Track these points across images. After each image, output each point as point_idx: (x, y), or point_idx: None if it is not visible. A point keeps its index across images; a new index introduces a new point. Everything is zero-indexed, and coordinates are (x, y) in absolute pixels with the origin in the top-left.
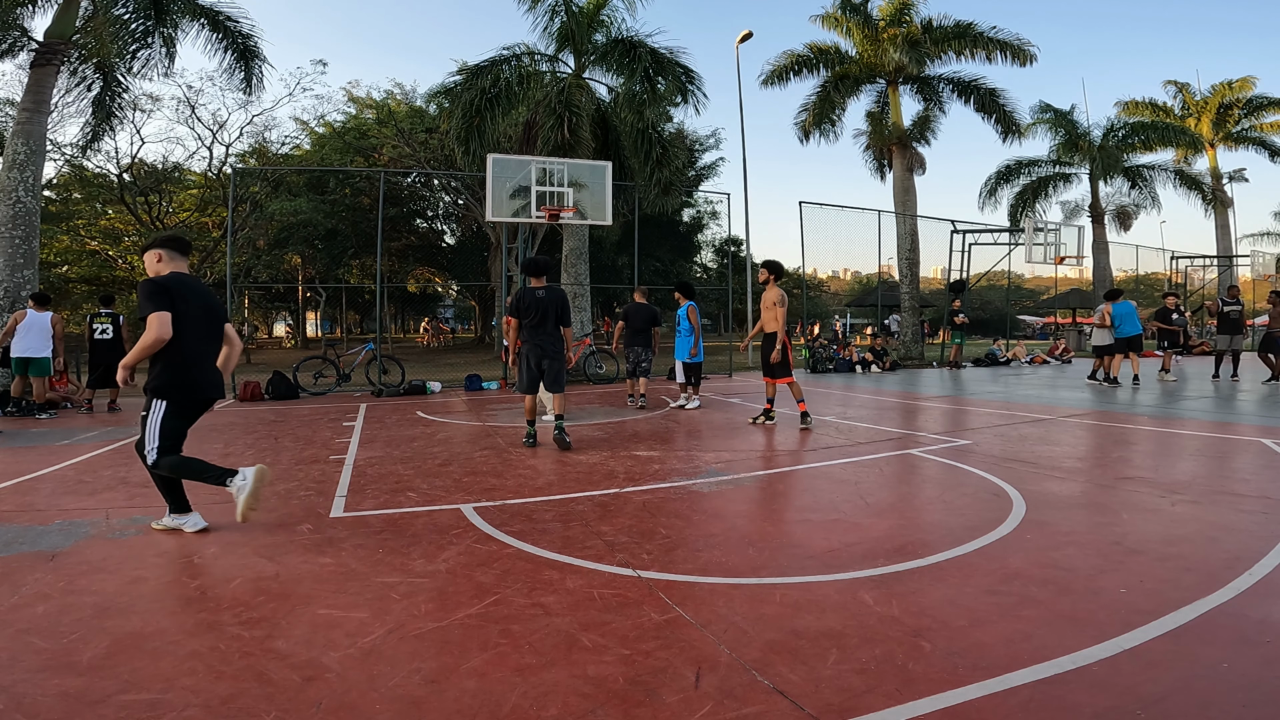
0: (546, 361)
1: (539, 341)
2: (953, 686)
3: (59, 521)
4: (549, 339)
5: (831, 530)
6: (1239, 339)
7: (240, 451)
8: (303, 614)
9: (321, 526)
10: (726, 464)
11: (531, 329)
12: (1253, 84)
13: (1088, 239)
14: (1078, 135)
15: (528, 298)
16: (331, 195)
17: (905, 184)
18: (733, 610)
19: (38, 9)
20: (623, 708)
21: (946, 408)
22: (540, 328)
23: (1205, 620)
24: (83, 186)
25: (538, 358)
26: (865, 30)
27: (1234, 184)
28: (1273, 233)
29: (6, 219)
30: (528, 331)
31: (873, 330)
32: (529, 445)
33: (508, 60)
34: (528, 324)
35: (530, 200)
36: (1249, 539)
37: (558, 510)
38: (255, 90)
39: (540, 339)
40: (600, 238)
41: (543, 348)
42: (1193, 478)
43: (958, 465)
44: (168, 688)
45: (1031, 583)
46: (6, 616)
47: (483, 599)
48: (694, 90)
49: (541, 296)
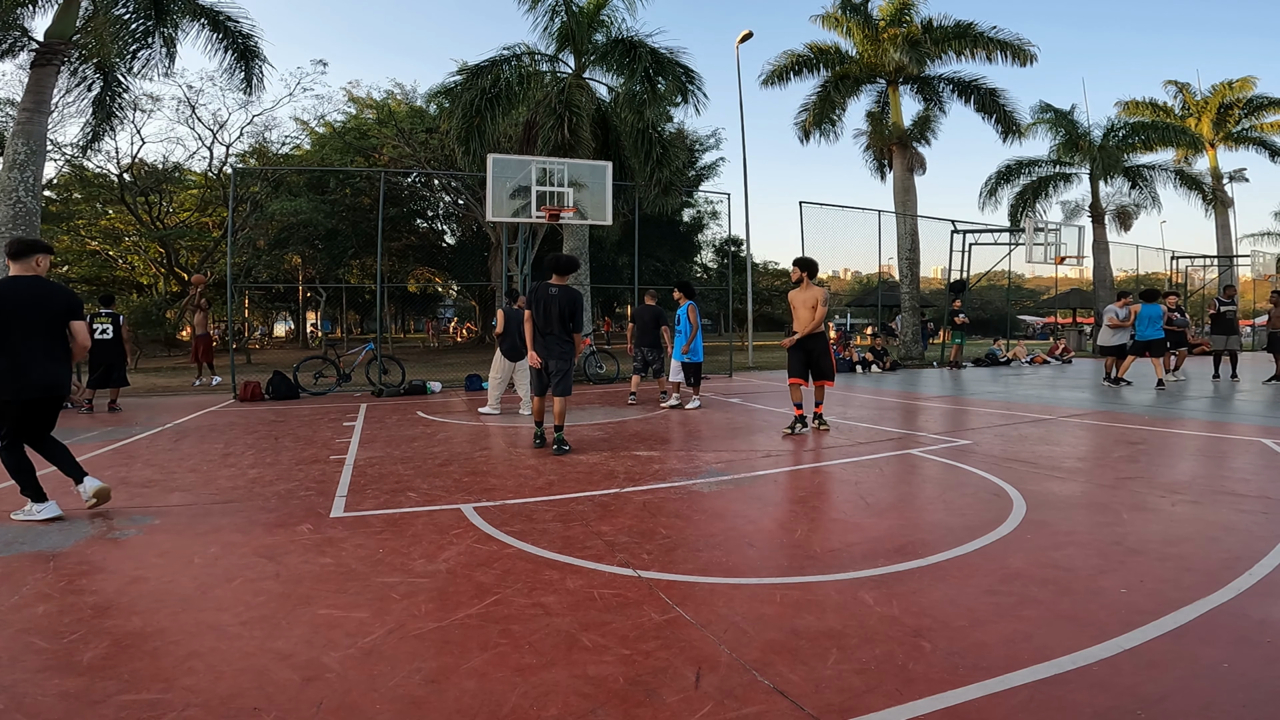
0: (553, 363)
1: (545, 342)
2: (953, 686)
3: (59, 521)
4: (555, 340)
5: (832, 530)
6: (1234, 339)
7: (241, 451)
8: (303, 614)
9: (321, 526)
10: (726, 464)
11: (539, 329)
12: (1253, 84)
13: (1088, 239)
14: (1078, 135)
15: (539, 292)
16: (332, 195)
17: (905, 184)
18: (733, 610)
19: (38, 9)
20: (623, 708)
21: (947, 408)
22: (546, 327)
23: (1206, 620)
24: (83, 186)
25: (543, 358)
26: (865, 30)
27: (1234, 184)
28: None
29: (7, 219)
30: (535, 332)
31: (873, 330)
32: (538, 446)
33: (508, 60)
34: (536, 323)
35: (530, 200)
36: (1249, 539)
37: (558, 510)
38: (255, 90)
39: (546, 339)
40: (600, 238)
41: (548, 348)
42: (1193, 478)
43: (958, 465)
44: (168, 688)
45: (1032, 583)
46: (7, 616)
47: (483, 599)
48: (694, 90)
49: (553, 294)
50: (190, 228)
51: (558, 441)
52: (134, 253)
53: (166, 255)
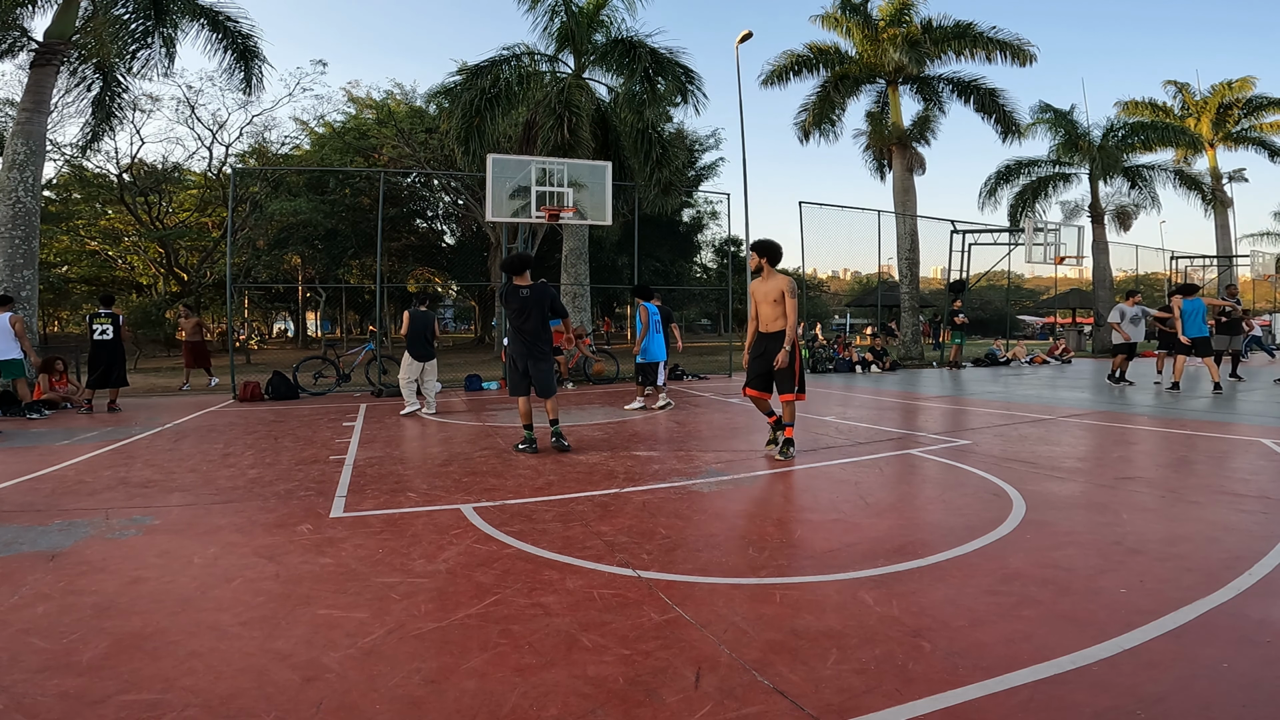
0: (531, 363)
1: (524, 342)
2: (953, 686)
3: (59, 522)
4: (534, 339)
5: (831, 530)
6: (1238, 339)
7: (240, 451)
8: (303, 614)
9: (321, 526)
10: (726, 464)
11: (516, 329)
12: (1252, 84)
13: (1087, 239)
14: (1077, 135)
15: (510, 296)
16: (331, 195)
17: (905, 184)
18: (733, 610)
19: (38, 9)
20: (623, 708)
21: (946, 408)
22: (525, 325)
23: (1206, 620)
24: (82, 187)
25: (523, 360)
26: (865, 30)
27: (1234, 184)
28: (1272, 233)
29: (6, 219)
30: (512, 332)
31: (873, 330)
32: (530, 451)
33: (508, 60)
34: (513, 324)
35: (530, 200)
36: (1249, 539)
37: (558, 510)
38: (255, 90)
39: (525, 339)
40: (600, 238)
41: (528, 349)
42: (1193, 478)
43: (958, 465)
44: (168, 688)
45: (1031, 583)
46: (7, 616)
47: (483, 599)
48: (694, 90)
49: (525, 295)
50: (190, 228)
51: (556, 435)
52: (133, 253)
53: (166, 255)
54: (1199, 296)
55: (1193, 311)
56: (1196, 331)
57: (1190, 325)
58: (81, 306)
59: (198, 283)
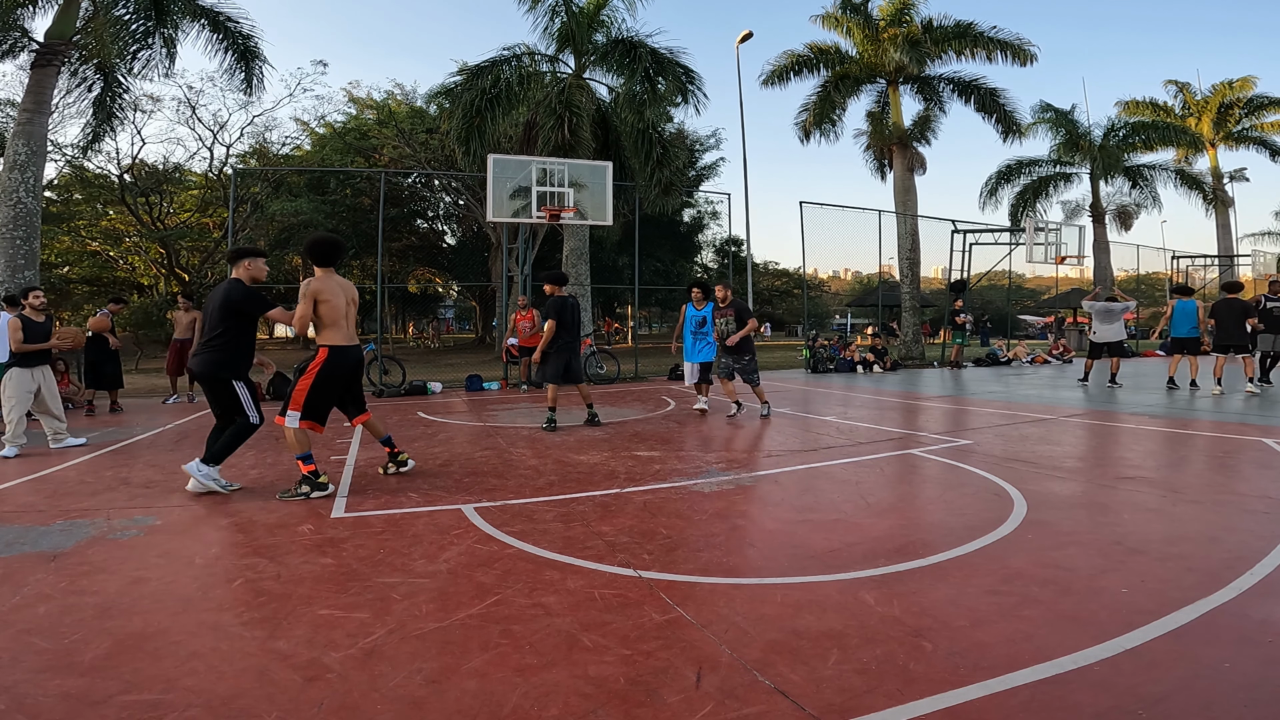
0: (572, 357)
1: (569, 341)
2: (954, 686)
3: (60, 522)
4: (576, 339)
5: (832, 530)
6: None
7: (241, 452)
8: (304, 614)
9: (322, 527)
10: (727, 464)
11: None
12: (1253, 84)
13: (1088, 239)
14: (1078, 135)
15: (569, 304)
16: (332, 196)
17: (906, 184)
18: (733, 610)
19: (38, 9)
20: (624, 708)
21: (947, 407)
22: (572, 330)
23: (1207, 620)
24: (83, 187)
25: (570, 356)
26: (865, 30)
27: (1234, 183)
28: (1273, 232)
29: (7, 220)
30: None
31: (873, 330)
32: (551, 429)
33: (508, 61)
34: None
35: (531, 200)
36: (1250, 539)
37: (558, 510)
38: (255, 91)
39: (572, 340)
40: (601, 238)
41: (572, 348)
42: (1194, 477)
43: (959, 465)
44: (169, 688)
45: (1033, 583)
46: (8, 617)
47: (484, 599)
48: (694, 90)
49: (574, 304)
50: (191, 228)
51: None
52: (134, 253)
53: (167, 256)
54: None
55: (1184, 313)
56: (1184, 333)
57: (1179, 326)
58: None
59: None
